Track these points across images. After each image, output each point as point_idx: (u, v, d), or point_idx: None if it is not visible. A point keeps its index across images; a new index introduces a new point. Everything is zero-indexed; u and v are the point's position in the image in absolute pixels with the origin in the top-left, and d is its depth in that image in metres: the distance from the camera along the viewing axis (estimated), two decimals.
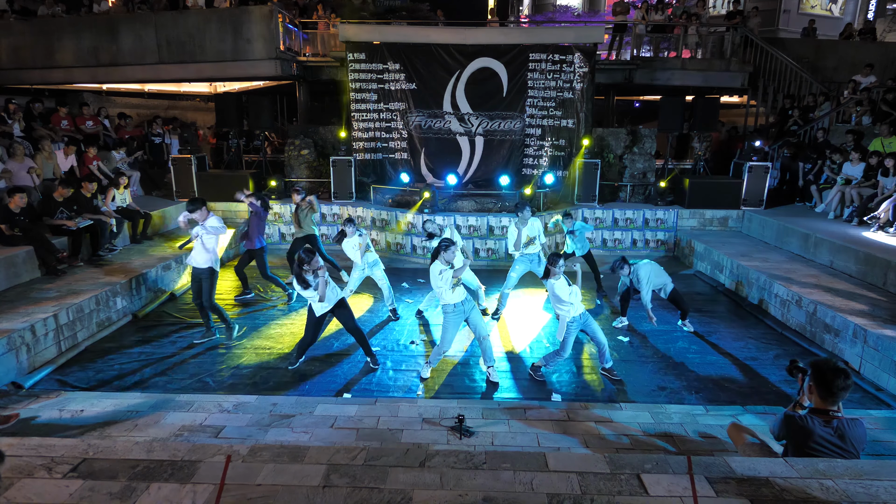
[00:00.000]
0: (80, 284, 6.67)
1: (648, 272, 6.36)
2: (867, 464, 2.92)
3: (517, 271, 7.11)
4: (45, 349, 5.61)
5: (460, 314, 5.28)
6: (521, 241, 6.87)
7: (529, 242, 6.94)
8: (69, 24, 12.09)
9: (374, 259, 7.00)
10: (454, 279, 5.12)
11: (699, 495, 2.62)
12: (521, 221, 6.93)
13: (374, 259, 7.00)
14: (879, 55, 12.70)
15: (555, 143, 10.96)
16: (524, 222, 6.93)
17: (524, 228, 6.92)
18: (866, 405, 5.01)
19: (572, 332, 5.31)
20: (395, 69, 10.77)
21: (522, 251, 6.94)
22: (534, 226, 6.99)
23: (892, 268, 6.67)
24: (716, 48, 13.24)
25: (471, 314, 5.33)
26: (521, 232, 6.89)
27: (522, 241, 6.87)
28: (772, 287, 7.20)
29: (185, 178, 10.80)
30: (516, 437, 4.13)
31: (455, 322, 5.30)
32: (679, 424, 4.36)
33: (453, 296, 5.18)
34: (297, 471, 2.82)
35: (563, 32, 11.69)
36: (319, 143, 11.90)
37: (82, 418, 4.40)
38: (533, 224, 6.99)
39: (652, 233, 10.45)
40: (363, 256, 6.81)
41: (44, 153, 9.03)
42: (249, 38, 11.74)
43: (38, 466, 2.85)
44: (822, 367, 2.97)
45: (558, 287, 5.23)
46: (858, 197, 8.80)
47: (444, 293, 5.14)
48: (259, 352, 6.09)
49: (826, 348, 6.10)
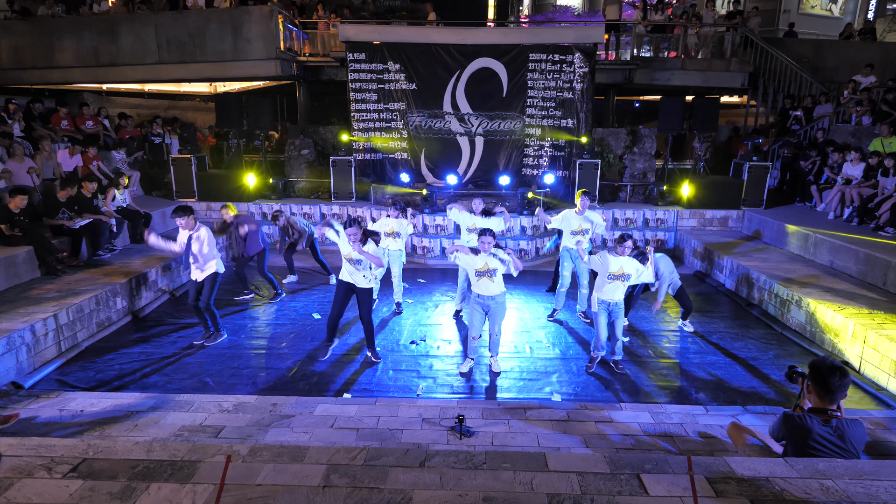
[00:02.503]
0: (80, 285, 6.67)
1: (666, 265, 6.34)
2: (867, 464, 2.92)
3: (567, 269, 6.90)
4: (45, 349, 5.61)
5: (480, 305, 5.46)
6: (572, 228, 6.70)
7: (580, 232, 6.70)
8: (69, 24, 12.10)
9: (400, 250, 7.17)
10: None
11: (699, 495, 2.62)
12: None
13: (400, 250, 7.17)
14: (879, 55, 12.70)
15: (555, 143, 10.97)
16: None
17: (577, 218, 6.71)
18: (866, 405, 5.01)
19: (601, 313, 5.49)
20: (395, 69, 10.77)
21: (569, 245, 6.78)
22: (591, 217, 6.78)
23: (891, 268, 6.67)
24: (716, 48, 13.25)
25: (492, 309, 5.46)
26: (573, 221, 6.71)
27: (573, 228, 6.69)
28: (772, 287, 7.21)
29: (185, 178, 10.80)
30: (516, 437, 4.13)
31: (476, 309, 5.49)
32: (679, 424, 4.36)
33: (477, 286, 5.41)
34: (297, 471, 2.82)
35: (563, 32, 11.68)
36: (319, 143, 11.91)
37: (82, 418, 4.39)
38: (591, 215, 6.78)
39: (652, 233, 10.45)
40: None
41: (44, 153, 9.03)
42: (249, 38, 11.75)
43: (38, 466, 2.85)
44: (819, 366, 2.98)
45: (613, 262, 5.43)
46: (858, 197, 8.80)
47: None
48: (259, 352, 6.09)
49: (826, 348, 6.11)
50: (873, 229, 8.12)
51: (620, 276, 5.42)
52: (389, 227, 6.95)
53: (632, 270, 5.46)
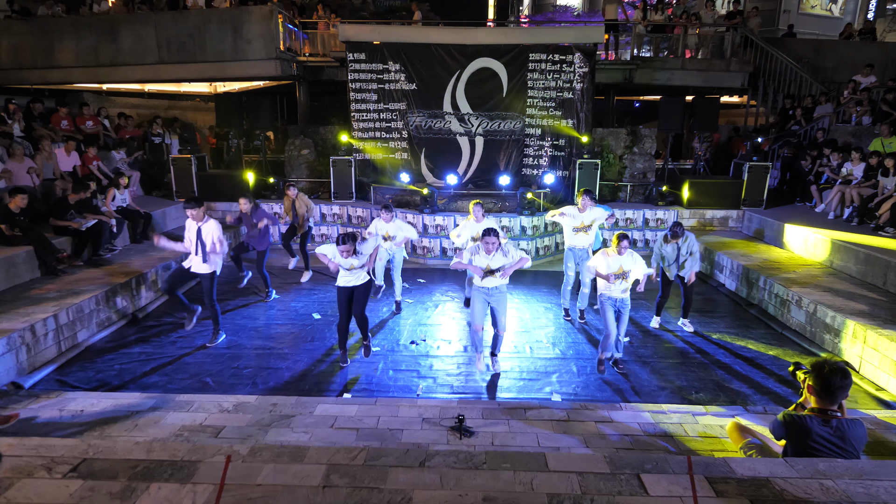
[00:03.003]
0: (80, 284, 6.67)
1: (697, 244, 6.50)
2: (867, 464, 2.92)
3: (571, 268, 6.91)
4: (45, 349, 5.61)
5: (483, 295, 5.44)
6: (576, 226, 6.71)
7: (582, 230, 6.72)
8: (69, 24, 12.09)
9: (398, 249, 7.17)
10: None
11: (699, 496, 2.62)
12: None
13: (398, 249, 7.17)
14: (879, 55, 12.71)
15: (555, 143, 10.97)
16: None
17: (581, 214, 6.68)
18: (866, 405, 5.01)
19: (607, 309, 5.50)
20: (395, 69, 10.77)
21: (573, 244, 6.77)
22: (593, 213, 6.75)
23: (891, 268, 6.67)
24: (716, 48, 13.25)
25: (495, 304, 5.44)
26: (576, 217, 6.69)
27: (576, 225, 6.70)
28: (772, 287, 7.21)
29: (185, 178, 10.80)
30: (516, 437, 4.13)
31: (477, 298, 5.47)
32: (679, 424, 4.36)
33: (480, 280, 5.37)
34: (297, 471, 2.82)
35: (563, 32, 11.68)
36: (319, 143, 11.91)
37: (82, 418, 4.39)
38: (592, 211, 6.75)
39: (652, 233, 10.45)
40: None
41: (43, 153, 9.03)
42: (249, 38, 11.75)
43: (39, 466, 2.85)
44: (820, 367, 2.99)
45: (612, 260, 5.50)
46: (858, 197, 8.80)
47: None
48: (259, 352, 6.09)
49: (826, 348, 6.11)
50: (873, 229, 8.11)
51: (622, 275, 5.47)
52: (385, 231, 6.93)
53: (632, 266, 5.52)
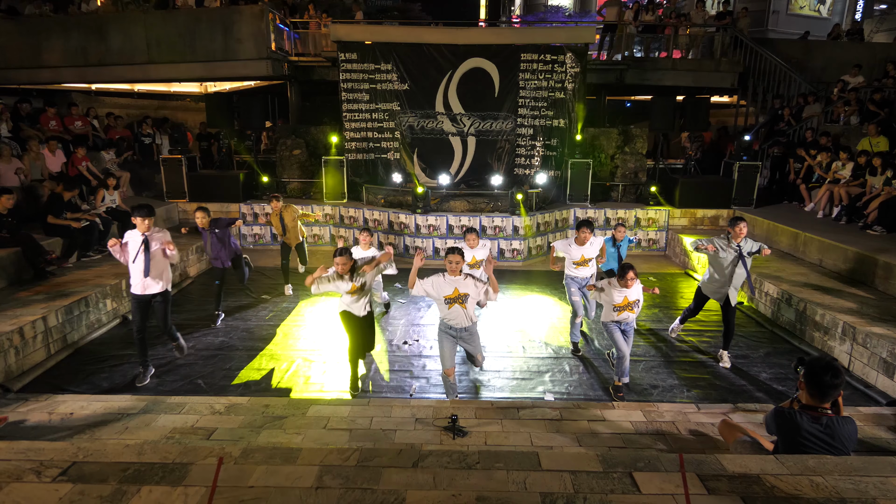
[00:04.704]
0: (70, 286, 6.61)
1: None
2: (857, 460, 2.95)
3: (576, 293, 6.18)
4: (34, 351, 5.55)
5: (450, 335, 4.77)
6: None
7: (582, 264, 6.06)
8: (57, 23, 11.97)
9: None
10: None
11: (691, 493, 2.63)
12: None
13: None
14: (867, 56, 12.84)
15: (546, 143, 10.99)
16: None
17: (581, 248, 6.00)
18: (856, 402, 5.06)
19: (614, 332, 5.19)
20: (387, 69, 10.75)
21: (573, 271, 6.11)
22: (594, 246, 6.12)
23: (880, 266, 6.75)
24: (706, 48, 13.34)
25: (467, 343, 4.83)
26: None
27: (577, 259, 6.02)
28: (762, 285, 7.26)
29: (176, 179, 10.72)
30: (509, 436, 4.13)
31: (445, 339, 4.78)
32: (671, 423, 4.38)
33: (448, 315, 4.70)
34: (290, 472, 2.80)
35: (555, 32, 11.72)
36: (311, 143, 11.86)
37: (72, 421, 4.35)
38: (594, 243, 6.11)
39: (644, 232, 10.51)
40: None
41: (31, 154, 8.94)
42: (240, 38, 11.68)
43: (27, 470, 2.81)
44: (813, 364, 3.02)
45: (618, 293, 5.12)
46: (847, 196, 8.89)
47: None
48: (251, 353, 6.05)
49: (816, 346, 6.16)
50: (861, 228, 8.20)
51: (626, 306, 5.12)
52: (366, 256, 6.13)
53: (639, 296, 5.19)
